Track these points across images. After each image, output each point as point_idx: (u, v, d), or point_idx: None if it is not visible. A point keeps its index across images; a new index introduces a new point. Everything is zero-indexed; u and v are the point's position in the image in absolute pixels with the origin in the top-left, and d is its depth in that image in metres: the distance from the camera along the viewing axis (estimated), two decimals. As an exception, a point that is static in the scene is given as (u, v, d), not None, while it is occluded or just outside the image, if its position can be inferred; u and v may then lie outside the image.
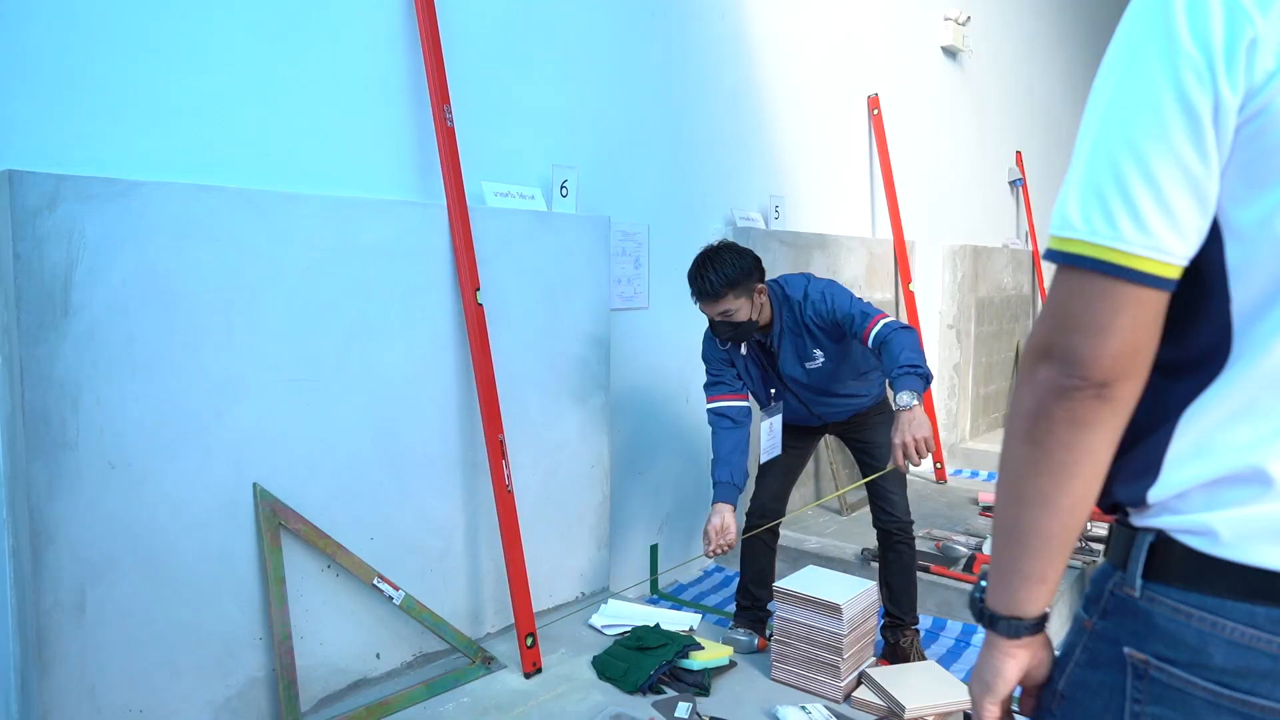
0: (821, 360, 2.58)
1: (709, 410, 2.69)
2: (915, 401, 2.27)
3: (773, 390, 2.69)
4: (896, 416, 2.28)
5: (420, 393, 2.37)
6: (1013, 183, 6.36)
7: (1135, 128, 0.73)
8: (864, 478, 2.76)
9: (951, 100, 5.50)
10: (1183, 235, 0.73)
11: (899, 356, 2.32)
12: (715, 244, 2.53)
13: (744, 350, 2.66)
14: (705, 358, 2.73)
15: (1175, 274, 0.74)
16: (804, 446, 2.87)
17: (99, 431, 1.78)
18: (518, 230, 2.61)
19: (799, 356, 2.59)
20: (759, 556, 2.81)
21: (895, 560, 2.67)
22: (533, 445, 2.69)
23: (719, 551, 2.52)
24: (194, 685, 1.94)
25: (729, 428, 2.65)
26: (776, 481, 2.81)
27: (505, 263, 2.57)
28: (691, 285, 2.49)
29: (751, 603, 2.79)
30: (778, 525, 2.83)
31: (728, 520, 2.54)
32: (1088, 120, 0.78)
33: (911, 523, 2.71)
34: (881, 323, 2.43)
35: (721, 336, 2.55)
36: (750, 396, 2.75)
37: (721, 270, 2.42)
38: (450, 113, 2.42)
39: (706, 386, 2.72)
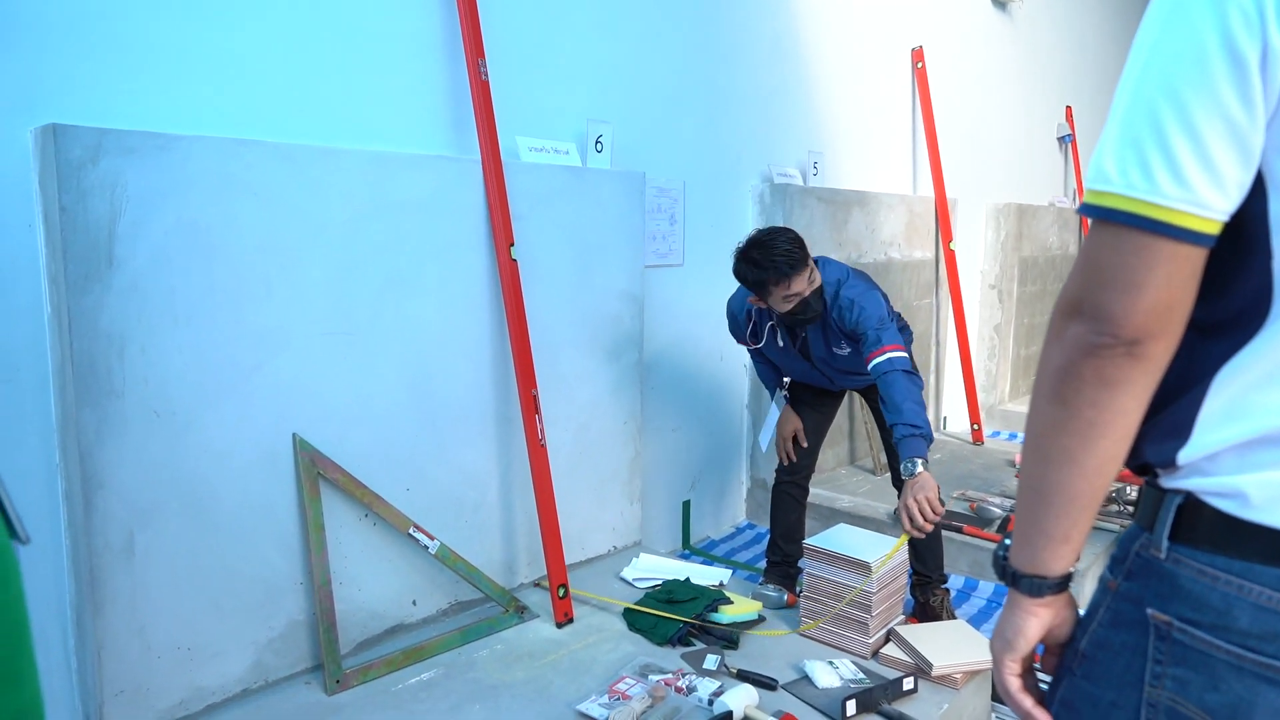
0: (849, 351, 2.55)
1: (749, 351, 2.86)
2: (919, 470, 2.22)
3: (797, 369, 2.72)
4: (905, 484, 2.24)
5: (455, 347, 2.40)
6: (1062, 139, 6.18)
7: (1177, 76, 0.70)
8: (882, 429, 2.72)
9: (999, 53, 5.33)
10: (1223, 189, 0.71)
11: (902, 410, 2.27)
12: (752, 235, 2.43)
13: (768, 331, 2.66)
14: (729, 323, 2.79)
15: (1214, 229, 0.72)
16: (829, 406, 2.89)
17: (144, 381, 1.83)
18: (552, 186, 2.60)
19: (827, 343, 2.57)
20: (789, 512, 2.83)
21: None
22: (566, 401, 2.71)
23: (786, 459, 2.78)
24: (238, 626, 2.01)
25: (768, 368, 2.84)
26: (805, 440, 2.82)
27: (539, 219, 2.57)
28: (766, 268, 2.31)
29: (782, 558, 2.81)
30: (807, 483, 2.85)
31: (790, 426, 2.77)
32: (1129, 69, 0.75)
33: None
34: (887, 355, 2.34)
35: (796, 318, 2.42)
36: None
37: (786, 242, 2.33)
38: (485, 67, 2.40)
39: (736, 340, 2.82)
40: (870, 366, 2.38)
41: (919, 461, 2.23)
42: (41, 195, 1.75)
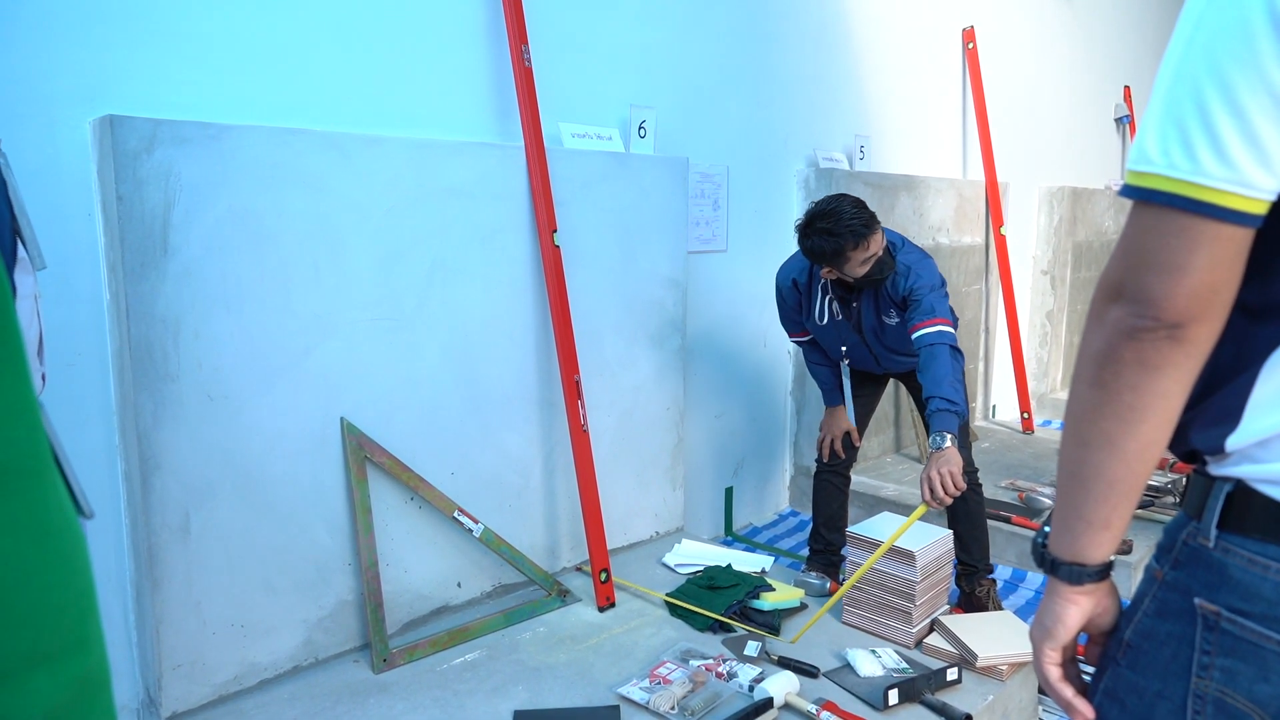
0: (897, 320, 2.53)
1: (795, 342, 2.83)
2: (947, 444, 2.23)
3: (844, 348, 2.68)
4: (930, 457, 2.26)
5: (499, 332, 2.42)
6: (1119, 120, 6.01)
7: (1221, 52, 0.68)
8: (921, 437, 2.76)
9: (1054, 32, 5.19)
10: (1270, 168, 0.68)
11: (941, 384, 2.27)
12: (811, 209, 2.41)
13: (821, 303, 2.62)
14: (779, 302, 2.75)
15: (1260, 209, 0.69)
16: (872, 392, 2.87)
17: (198, 365, 1.88)
18: (595, 172, 2.61)
19: (878, 311, 2.55)
20: (831, 500, 2.81)
21: (961, 507, 2.61)
22: (609, 386, 2.72)
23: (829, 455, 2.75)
24: (289, 605, 2.07)
25: (820, 360, 2.79)
26: (857, 440, 2.82)
27: (582, 204, 2.57)
28: (842, 235, 2.30)
29: (825, 546, 2.80)
30: (849, 471, 2.84)
31: (838, 427, 2.75)
32: (1173, 46, 0.73)
33: (976, 470, 2.66)
34: (938, 328, 2.34)
35: (872, 279, 2.41)
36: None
37: (850, 206, 2.34)
38: (528, 53, 2.41)
39: (782, 323, 2.82)
40: (916, 336, 2.37)
41: (948, 436, 2.24)
42: (100, 185, 1.81)
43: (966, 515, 2.63)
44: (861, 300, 2.55)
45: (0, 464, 0.44)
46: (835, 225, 2.32)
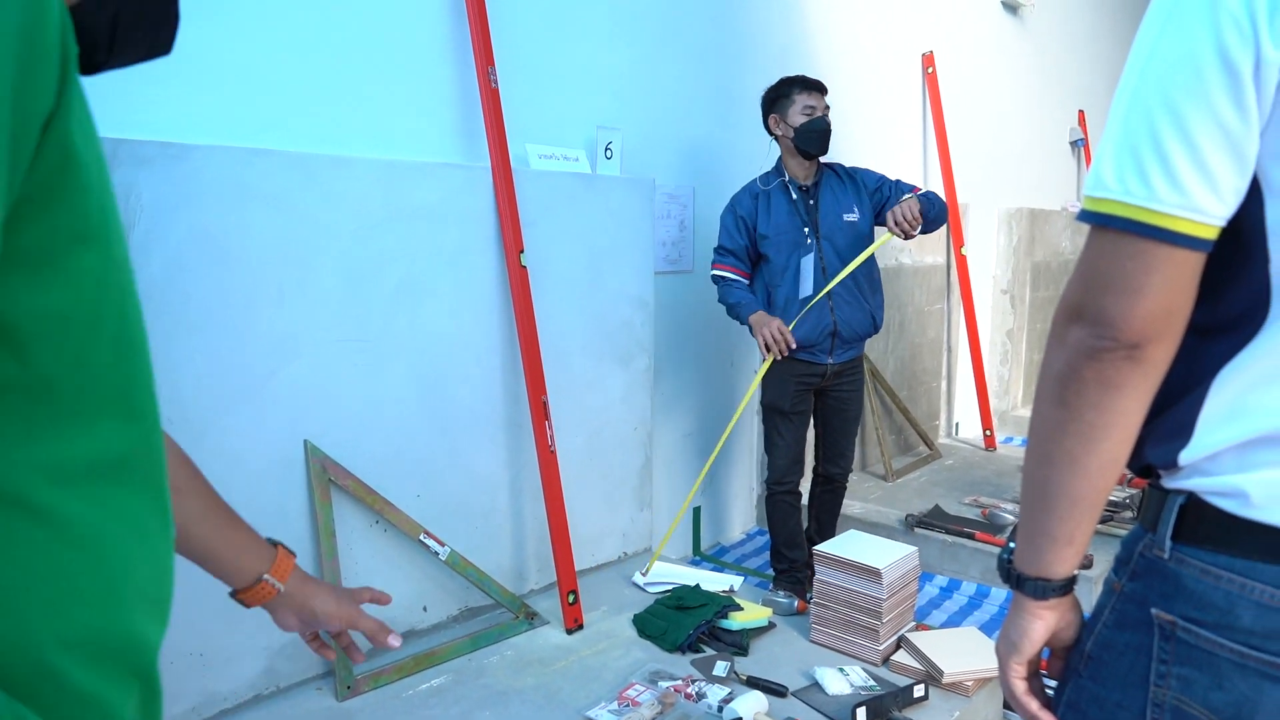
0: (857, 217, 2.82)
1: (714, 274, 2.89)
2: (914, 198, 2.67)
3: (799, 260, 2.81)
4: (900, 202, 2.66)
5: (466, 354, 2.41)
6: (1074, 143, 6.16)
7: (1173, 85, 0.71)
8: (825, 427, 3.00)
9: (1011, 57, 5.32)
10: (1220, 195, 0.71)
11: (933, 201, 2.75)
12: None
13: (780, 204, 2.80)
14: (725, 221, 2.86)
15: (1211, 234, 0.72)
16: (808, 409, 2.96)
17: (159, 387, 1.84)
18: (562, 192, 2.62)
19: (839, 207, 2.79)
20: (788, 519, 2.87)
21: (832, 501, 3.06)
22: (576, 407, 2.72)
23: (784, 349, 2.73)
24: (250, 631, 2.03)
25: (739, 284, 2.87)
26: (790, 449, 2.90)
27: (549, 225, 2.58)
28: (800, 81, 2.80)
29: (789, 566, 2.82)
30: (799, 488, 2.95)
31: (774, 320, 2.73)
32: (1126, 76, 0.76)
33: (850, 472, 3.09)
34: (924, 189, 2.82)
35: (817, 130, 2.77)
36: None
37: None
38: (495, 75, 2.42)
39: (716, 251, 2.91)
40: (918, 193, 2.75)
41: (917, 195, 2.70)
42: (58, 205, 1.78)
43: (834, 507, 3.08)
44: (819, 197, 2.79)
45: (155, 476, 0.57)
46: (793, 77, 2.84)
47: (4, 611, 0.48)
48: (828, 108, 2.81)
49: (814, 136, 2.76)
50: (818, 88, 2.80)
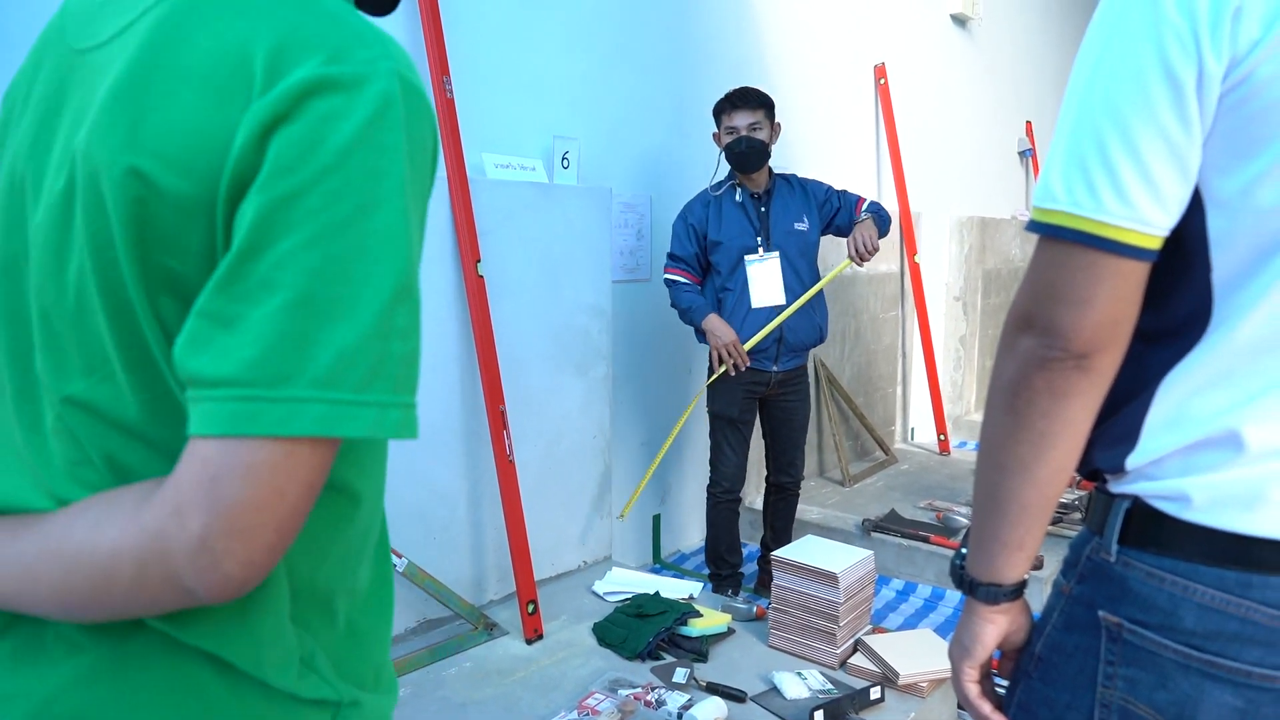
0: (807, 227, 2.88)
1: (666, 278, 2.91)
2: (866, 219, 2.84)
3: (748, 267, 2.84)
4: (855, 225, 2.84)
5: (422, 364, 2.37)
6: (1022, 153, 6.30)
7: (1118, 98, 0.72)
8: (773, 437, 3.06)
9: (960, 69, 5.44)
10: (1164, 206, 0.73)
11: (882, 216, 2.90)
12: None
13: (731, 210, 2.83)
14: (676, 230, 2.88)
15: (1156, 245, 0.74)
16: (753, 417, 3.01)
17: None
18: (519, 202, 2.61)
19: (790, 216, 2.84)
20: (731, 526, 2.97)
21: (786, 508, 3.12)
22: (535, 416, 2.71)
23: (735, 367, 2.77)
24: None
25: (691, 288, 2.89)
26: (734, 457, 2.95)
27: (506, 234, 2.57)
28: (727, 99, 2.80)
29: (730, 571, 2.89)
30: (740, 495, 3.03)
31: (730, 334, 2.76)
32: (1072, 89, 0.77)
33: (802, 479, 3.14)
34: (870, 201, 2.94)
35: (737, 151, 2.78)
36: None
37: (758, 93, 2.81)
38: (450, 84, 2.41)
39: (669, 257, 2.92)
40: (860, 210, 2.91)
41: (870, 217, 2.84)
42: None
43: (788, 513, 3.13)
44: (771, 205, 2.83)
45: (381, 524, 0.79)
46: (742, 89, 2.83)
47: (317, 562, 0.67)
48: (762, 124, 2.77)
49: (735, 158, 2.80)
50: (744, 104, 2.76)
